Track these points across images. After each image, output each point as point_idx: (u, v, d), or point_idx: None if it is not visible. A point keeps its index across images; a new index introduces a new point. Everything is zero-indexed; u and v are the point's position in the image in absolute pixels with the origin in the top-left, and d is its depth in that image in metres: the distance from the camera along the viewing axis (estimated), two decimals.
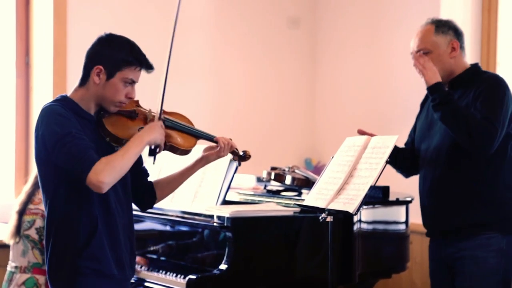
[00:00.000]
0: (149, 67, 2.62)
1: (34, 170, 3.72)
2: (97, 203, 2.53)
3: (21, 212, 3.59)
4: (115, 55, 2.54)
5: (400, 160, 3.39)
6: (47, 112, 2.50)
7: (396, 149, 3.38)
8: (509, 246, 3.11)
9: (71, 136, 2.42)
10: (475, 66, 3.25)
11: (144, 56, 2.60)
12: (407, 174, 3.49)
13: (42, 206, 3.54)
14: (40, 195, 3.56)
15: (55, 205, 2.52)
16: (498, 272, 3.11)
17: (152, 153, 2.61)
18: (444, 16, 4.43)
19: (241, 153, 2.90)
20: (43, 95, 4.48)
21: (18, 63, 4.58)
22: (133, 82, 2.59)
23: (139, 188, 2.77)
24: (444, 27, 3.19)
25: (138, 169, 2.75)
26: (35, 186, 3.63)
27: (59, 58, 4.39)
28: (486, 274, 3.11)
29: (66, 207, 2.51)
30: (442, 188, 3.19)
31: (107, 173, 2.41)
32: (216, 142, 2.81)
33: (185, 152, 2.74)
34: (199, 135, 2.80)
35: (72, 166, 2.42)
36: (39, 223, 3.56)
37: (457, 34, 3.21)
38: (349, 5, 5.19)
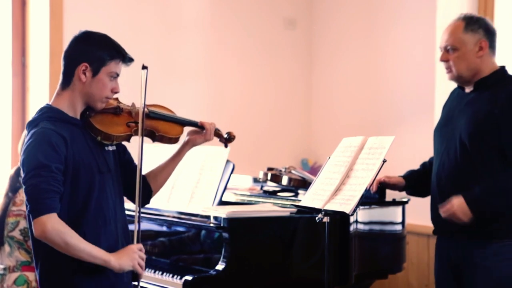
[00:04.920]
0: (129, 59, 2.63)
1: (3, 182, 3.71)
2: (92, 215, 2.52)
3: (0, 224, 3.59)
4: (98, 51, 2.55)
5: (418, 187, 3.38)
6: (40, 137, 2.45)
7: (413, 176, 3.37)
8: None
9: (48, 170, 2.41)
10: (502, 70, 3.17)
11: (123, 48, 2.61)
12: (424, 196, 3.45)
13: (24, 207, 3.54)
14: (21, 197, 3.55)
15: None
16: (510, 281, 3.02)
17: (135, 279, 2.62)
18: (439, 16, 4.44)
19: (225, 136, 2.96)
20: (39, 96, 4.47)
21: (14, 63, 4.57)
22: (117, 76, 2.60)
23: (134, 184, 2.72)
24: (474, 25, 3.11)
25: (129, 167, 2.75)
26: (7, 196, 3.62)
27: (55, 59, 4.38)
28: (498, 284, 3.02)
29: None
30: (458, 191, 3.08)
31: (56, 233, 2.39)
32: (201, 126, 2.85)
33: (174, 140, 2.79)
34: (184, 122, 2.84)
35: (31, 199, 2.41)
36: (23, 224, 3.55)
37: (488, 33, 3.13)
38: (345, 6, 5.19)
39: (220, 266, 3.13)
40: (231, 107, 5.12)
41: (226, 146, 3.02)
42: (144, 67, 2.62)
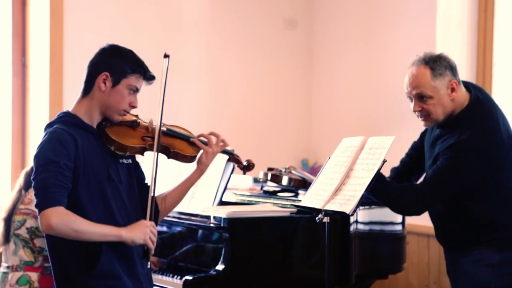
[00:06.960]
0: (151, 77, 2.66)
1: (19, 178, 3.72)
2: (102, 220, 2.53)
3: (8, 219, 3.60)
4: (121, 63, 2.59)
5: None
6: (51, 136, 2.51)
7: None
8: (501, 262, 3.06)
9: (56, 166, 2.44)
10: (472, 105, 3.05)
11: (146, 65, 2.65)
12: None
13: (32, 206, 3.54)
14: (30, 196, 3.56)
15: None
16: (489, 287, 3.06)
17: (145, 255, 2.60)
18: (439, 16, 4.43)
19: (245, 163, 3.01)
20: (39, 96, 4.47)
21: (15, 63, 4.57)
22: (136, 90, 2.63)
23: (142, 202, 2.73)
24: (440, 68, 3.00)
25: (139, 183, 2.76)
26: (20, 193, 3.63)
27: (56, 59, 4.38)
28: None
29: None
30: (444, 215, 3.17)
31: (62, 223, 2.40)
32: (205, 143, 2.83)
33: (190, 158, 2.79)
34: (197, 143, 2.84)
35: (38, 193, 2.44)
36: (30, 223, 3.55)
37: (453, 70, 3.03)
38: (345, 6, 5.20)
39: (220, 266, 3.13)
40: (231, 107, 5.12)
41: (244, 173, 3.05)
42: (166, 56, 2.65)
